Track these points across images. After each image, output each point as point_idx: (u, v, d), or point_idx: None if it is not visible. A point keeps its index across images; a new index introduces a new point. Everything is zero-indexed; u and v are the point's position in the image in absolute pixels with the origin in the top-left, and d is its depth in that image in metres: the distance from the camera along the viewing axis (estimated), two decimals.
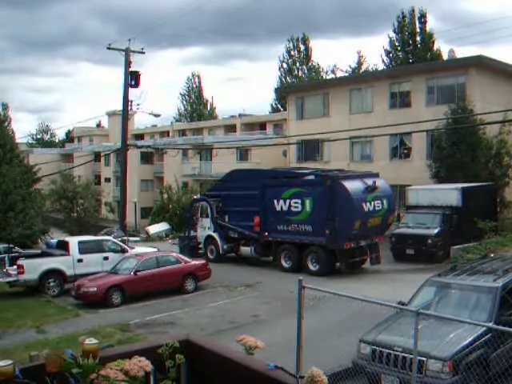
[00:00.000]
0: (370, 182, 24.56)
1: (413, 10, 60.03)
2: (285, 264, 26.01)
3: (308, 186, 25.52)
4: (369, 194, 24.21)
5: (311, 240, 24.98)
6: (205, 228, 30.33)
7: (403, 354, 9.72)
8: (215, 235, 29.54)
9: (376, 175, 26.11)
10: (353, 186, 24.09)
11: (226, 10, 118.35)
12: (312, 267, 24.82)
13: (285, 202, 25.80)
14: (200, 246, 30.67)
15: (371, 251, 25.14)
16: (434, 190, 29.13)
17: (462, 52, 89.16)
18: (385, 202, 24.93)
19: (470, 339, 9.82)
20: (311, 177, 26.30)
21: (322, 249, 24.57)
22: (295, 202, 25.44)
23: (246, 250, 28.45)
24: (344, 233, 23.86)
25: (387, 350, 10.10)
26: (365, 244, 24.85)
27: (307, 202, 24.96)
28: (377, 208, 24.50)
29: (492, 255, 19.04)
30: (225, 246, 29.26)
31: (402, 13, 60.47)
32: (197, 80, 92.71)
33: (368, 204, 24.06)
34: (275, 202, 26.18)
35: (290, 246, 25.88)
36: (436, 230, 25.87)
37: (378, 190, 24.57)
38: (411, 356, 8.81)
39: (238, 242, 28.95)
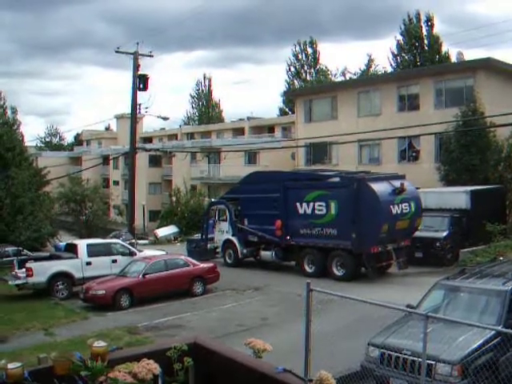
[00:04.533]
0: (397, 183, 23.80)
1: (418, 14, 60.12)
2: (308, 269, 25.21)
3: (333, 188, 24.80)
4: (396, 196, 23.47)
5: (336, 244, 24.19)
6: (223, 232, 29.48)
7: (412, 358, 9.68)
8: (234, 239, 28.72)
9: (403, 177, 25.24)
10: (380, 188, 23.35)
11: (233, 13, 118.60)
12: (337, 272, 24.10)
13: (308, 205, 25.02)
14: (217, 250, 30.04)
15: (398, 255, 24.28)
16: (442, 193, 29.01)
17: (470, 55, 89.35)
18: (412, 204, 24.06)
19: (478, 343, 9.78)
20: (336, 179, 25.56)
21: (348, 253, 23.81)
22: (319, 205, 24.64)
23: (266, 254, 27.58)
24: (371, 236, 23.18)
25: (396, 354, 10.05)
26: (391, 248, 24.12)
27: (332, 205, 24.17)
28: (404, 211, 23.69)
29: (501, 258, 18.95)
30: (244, 251, 28.47)
31: (408, 16, 60.56)
32: (207, 83, 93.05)
33: (396, 207, 23.30)
34: (298, 204, 25.40)
35: (314, 250, 25.11)
36: (444, 233, 25.74)
37: (406, 193, 23.77)
38: (420, 359, 8.78)
39: (258, 247, 28.17)
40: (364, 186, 23.38)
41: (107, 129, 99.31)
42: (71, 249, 24.83)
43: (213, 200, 35.60)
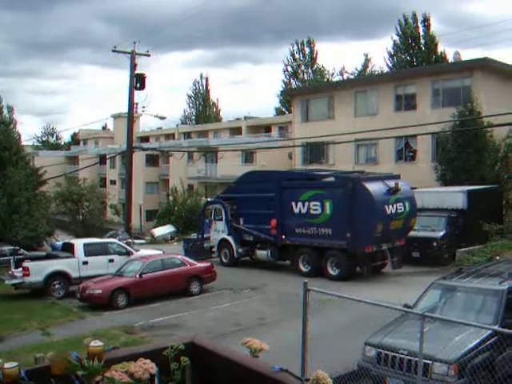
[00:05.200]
0: (391, 184, 23.83)
1: (415, 14, 60.30)
2: (303, 268, 25.22)
3: (328, 188, 24.88)
4: (391, 196, 23.53)
5: (331, 243, 24.21)
6: (219, 231, 29.46)
7: (408, 357, 9.69)
8: (229, 238, 28.72)
9: (397, 177, 25.33)
10: (375, 188, 23.39)
11: (230, 12, 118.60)
12: (332, 271, 24.14)
13: (303, 205, 25.06)
14: (213, 249, 30.13)
15: (392, 255, 24.28)
16: (439, 193, 29.04)
17: (467, 55, 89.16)
18: (407, 204, 24.13)
19: (475, 342, 9.80)
20: (331, 179, 25.68)
21: (343, 252, 23.86)
22: (314, 205, 24.68)
23: (262, 253, 27.55)
24: (366, 236, 23.24)
25: (392, 353, 10.07)
26: (386, 248, 24.12)
27: (327, 205, 24.22)
28: (399, 210, 23.75)
29: (497, 258, 19.00)
30: (240, 250, 28.45)
31: (404, 16, 60.73)
32: (204, 82, 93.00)
33: (390, 206, 23.35)
34: (293, 204, 25.44)
35: (309, 250, 25.14)
36: (441, 233, 25.76)
37: (400, 193, 23.84)
38: (416, 359, 8.79)
39: (254, 246, 28.13)
40: (359, 185, 23.41)
41: (104, 128, 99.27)
42: (68, 248, 24.81)
43: (209, 199, 35.58)
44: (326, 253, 24.50)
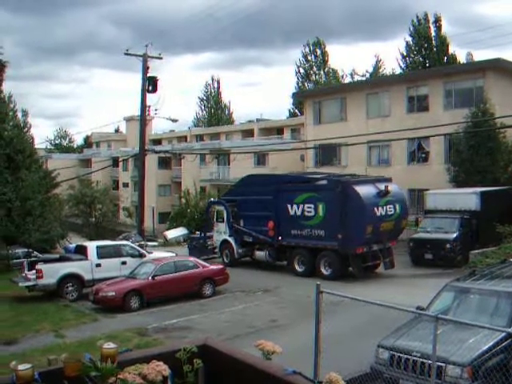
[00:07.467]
0: (382, 186, 24.62)
1: (426, 15, 60.17)
2: (298, 268, 26.20)
3: (320, 190, 25.63)
4: (381, 198, 24.33)
5: (324, 244, 25.10)
6: (220, 232, 30.47)
7: (422, 360, 9.65)
8: (230, 239, 29.72)
9: (388, 180, 26.22)
10: (364, 190, 24.21)
11: (239, 15, 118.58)
12: (325, 271, 24.94)
13: (298, 207, 25.99)
14: (215, 250, 30.96)
15: (384, 256, 25.01)
16: (452, 195, 28.95)
17: (479, 56, 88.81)
18: (397, 206, 25.02)
19: (489, 345, 9.73)
20: (323, 181, 26.35)
21: (335, 253, 24.68)
22: (308, 207, 25.62)
23: (260, 254, 28.63)
24: (356, 237, 23.99)
25: (405, 356, 10.03)
26: (377, 248, 24.79)
27: (320, 207, 25.14)
28: (389, 212, 24.60)
29: (511, 260, 18.85)
30: (240, 251, 29.46)
31: (417, 17, 60.59)
32: (216, 85, 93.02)
33: (380, 208, 24.18)
34: (289, 206, 26.36)
35: (304, 251, 26.04)
36: (454, 235, 25.71)
37: (391, 195, 24.65)
38: (430, 361, 8.75)
39: (253, 247, 29.11)
40: (348, 188, 24.23)
41: (117, 131, 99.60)
42: (81, 250, 24.89)
43: (212, 199, 36.15)
44: (320, 253, 25.27)
